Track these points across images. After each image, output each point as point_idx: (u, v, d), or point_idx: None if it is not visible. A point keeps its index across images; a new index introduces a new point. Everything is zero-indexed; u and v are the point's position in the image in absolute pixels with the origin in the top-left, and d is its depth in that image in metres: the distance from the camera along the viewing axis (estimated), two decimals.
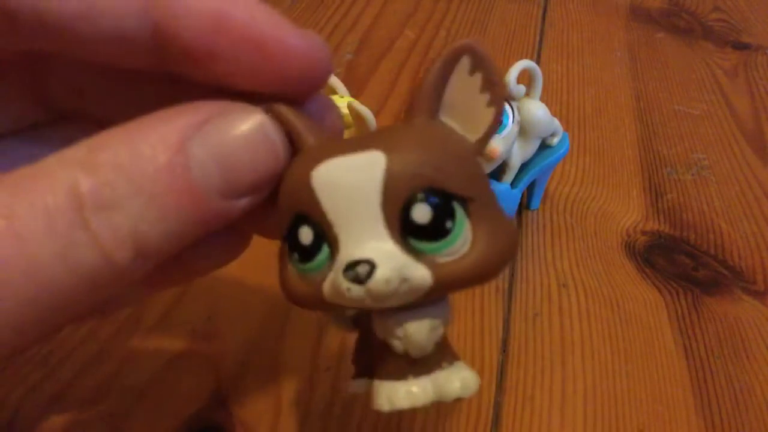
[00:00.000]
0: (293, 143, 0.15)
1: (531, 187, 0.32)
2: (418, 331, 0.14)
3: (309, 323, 0.26)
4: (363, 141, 0.14)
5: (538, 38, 0.50)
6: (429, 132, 0.14)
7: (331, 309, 0.15)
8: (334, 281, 0.13)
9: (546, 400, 0.24)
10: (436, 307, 0.14)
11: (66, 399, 0.23)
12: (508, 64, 0.28)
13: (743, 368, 0.26)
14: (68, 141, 0.13)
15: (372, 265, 0.13)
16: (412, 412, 0.23)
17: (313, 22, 0.50)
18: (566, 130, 0.31)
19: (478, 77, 0.14)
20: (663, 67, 0.48)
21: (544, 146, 0.30)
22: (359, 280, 0.13)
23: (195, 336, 0.25)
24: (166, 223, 0.12)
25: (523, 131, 0.29)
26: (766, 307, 0.29)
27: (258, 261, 0.22)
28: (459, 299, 0.28)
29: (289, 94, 0.14)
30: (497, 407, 0.24)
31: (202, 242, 0.14)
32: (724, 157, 0.39)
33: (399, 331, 0.14)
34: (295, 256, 0.14)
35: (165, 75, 0.15)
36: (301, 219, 0.14)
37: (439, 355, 0.15)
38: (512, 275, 0.29)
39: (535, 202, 0.33)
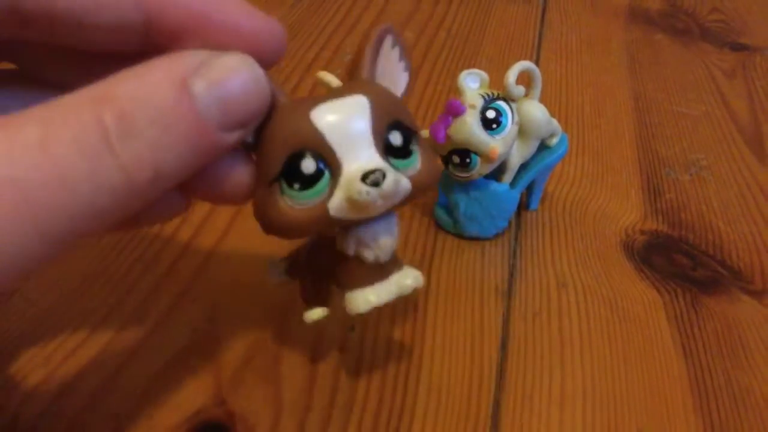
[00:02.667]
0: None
1: (530, 188, 0.32)
2: (387, 238, 0.19)
3: None
4: (343, 90, 0.18)
5: (537, 39, 0.50)
6: (380, 86, 0.19)
7: (328, 228, 0.18)
8: (349, 190, 0.17)
9: (545, 399, 0.24)
10: (391, 219, 0.19)
11: (66, 399, 0.23)
12: (507, 65, 0.28)
13: (741, 367, 0.26)
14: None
15: (383, 172, 0.17)
16: (411, 413, 0.23)
17: (314, 23, 0.50)
18: (565, 130, 0.31)
19: (396, 50, 0.20)
20: (661, 68, 0.48)
21: (543, 147, 0.30)
22: (376, 183, 0.16)
23: (195, 336, 0.25)
24: (178, 149, 0.15)
25: (522, 132, 0.29)
26: (764, 306, 0.29)
27: (258, 261, 0.22)
28: (458, 299, 0.28)
29: None
30: (497, 407, 0.24)
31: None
32: (723, 158, 0.39)
33: (372, 242, 0.19)
34: (295, 186, 0.17)
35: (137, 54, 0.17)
36: (301, 154, 0.17)
37: (393, 262, 0.20)
38: (512, 275, 0.29)
39: (534, 203, 0.33)
